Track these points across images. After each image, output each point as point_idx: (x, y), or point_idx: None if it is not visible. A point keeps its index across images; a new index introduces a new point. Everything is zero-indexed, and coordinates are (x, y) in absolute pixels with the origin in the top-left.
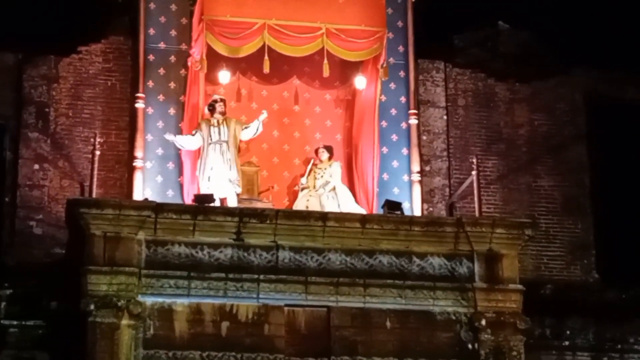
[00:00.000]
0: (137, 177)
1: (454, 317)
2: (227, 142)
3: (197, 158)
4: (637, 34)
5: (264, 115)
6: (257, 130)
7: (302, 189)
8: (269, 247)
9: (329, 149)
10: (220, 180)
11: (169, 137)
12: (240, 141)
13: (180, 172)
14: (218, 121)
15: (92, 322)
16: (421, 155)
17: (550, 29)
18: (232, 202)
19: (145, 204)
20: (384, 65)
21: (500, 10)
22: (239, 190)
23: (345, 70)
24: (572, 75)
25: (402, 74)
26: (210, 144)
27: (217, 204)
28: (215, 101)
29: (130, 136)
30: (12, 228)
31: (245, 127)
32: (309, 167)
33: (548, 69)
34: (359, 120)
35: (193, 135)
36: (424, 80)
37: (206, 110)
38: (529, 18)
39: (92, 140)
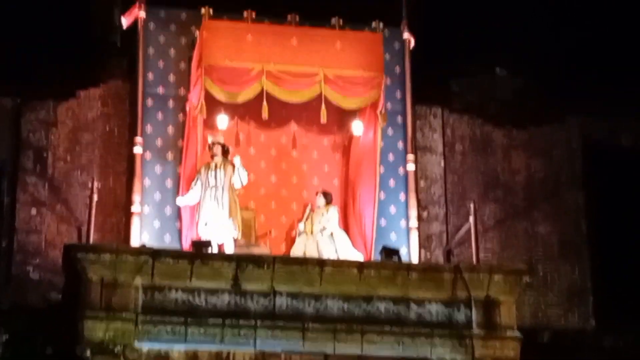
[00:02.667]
0: (135, 222)
1: None
2: (222, 187)
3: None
4: (632, 80)
5: (237, 160)
6: (240, 176)
7: (300, 235)
8: (266, 293)
9: (326, 194)
10: (216, 226)
11: (180, 202)
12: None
13: (177, 218)
14: (216, 165)
15: None
16: (418, 201)
17: (545, 75)
18: (229, 248)
19: (143, 250)
20: (383, 111)
21: (497, 56)
22: (237, 234)
23: (343, 116)
24: (568, 121)
25: (399, 119)
26: (207, 188)
27: (214, 249)
28: (213, 144)
29: (127, 181)
30: (9, 272)
31: (232, 175)
32: (307, 212)
33: (544, 115)
34: (357, 165)
35: (193, 187)
36: (422, 126)
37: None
38: (525, 64)
39: (89, 184)
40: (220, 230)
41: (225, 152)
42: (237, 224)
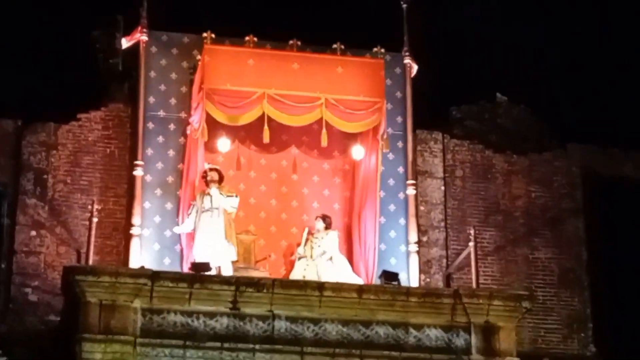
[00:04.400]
0: (134, 245)
1: None
2: (217, 209)
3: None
4: (632, 111)
5: (215, 191)
6: (230, 203)
7: (299, 259)
8: (265, 316)
9: (325, 218)
10: (212, 248)
11: (177, 230)
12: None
13: (177, 240)
14: (216, 189)
15: None
16: (419, 225)
17: (546, 103)
18: (226, 270)
19: (142, 272)
20: (385, 136)
21: (498, 83)
22: (234, 257)
23: (343, 140)
24: (569, 149)
25: (400, 144)
26: (202, 212)
27: (213, 272)
28: (206, 172)
29: (127, 203)
30: (7, 295)
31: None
32: (304, 235)
33: (545, 142)
34: (361, 190)
35: (189, 215)
36: (422, 151)
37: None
38: (526, 91)
39: (89, 207)
40: (216, 253)
41: (220, 178)
42: (234, 246)
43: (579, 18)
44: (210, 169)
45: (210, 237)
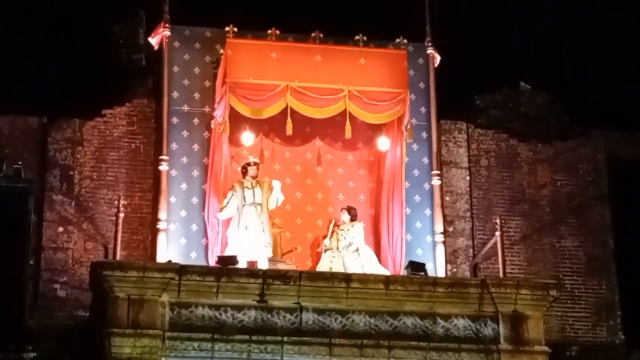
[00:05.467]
0: (161, 239)
1: None
2: (260, 204)
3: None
4: None
5: (278, 185)
6: (278, 201)
7: (326, 250)
8: (292, 308)
9: (350, 210)
10: (255, 243)
11: (221, 216)
12: None
13: (204, 234)
14: (252, 183)
15: None
16: (444, 216)
17: (569, 91)
18: (262, 266)
19: (169, 266)
20: (409, 127)
21: (521, 71)
22: (271, 254)
23: (367, 131)
24: (594, 136)
25: (424, 135)
26: (244, 205)
27: (241, 265)
28: (249, 164)
29: (153, 198)
30: (36, 291)
31: (270, 195)
32: (331, 227)
33: (569, 130)
34: (388, 181)
35: (229, 202)
36: (446, 141)
37: (239, 170)
38: (550, 79)
39: (115, 202)
40: (257, 247)
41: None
42: (272, 242)
43: (601, 3)
44: (254, 163)
45: (253, 231)
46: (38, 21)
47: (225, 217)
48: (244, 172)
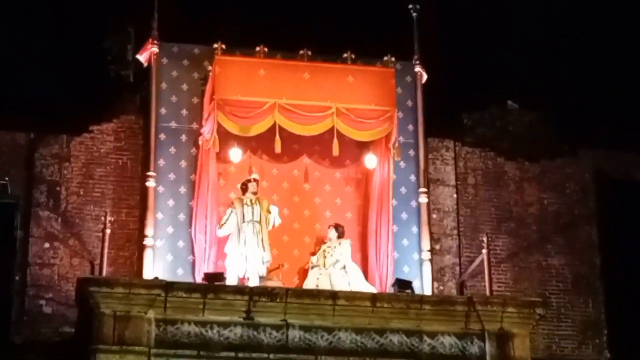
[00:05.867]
0: (148, 256)
1: None
2: (259, 222)
3: (208, 235)
4: None
5: (275, 210)
6: (275, 224)
7: (312, 268)
8: (279, 325)
9: (337, 227)
10: (252, 260)
11: (220, 233)
12: None
13: (190, 251)
14: (251, 200)
15: None
16: (431, 233)
17: (557, 110)
18: (254, 283)
19: (156, 283)
20: (396, 145)
21: (509, 90)
22: (264, 272)
23: (355, 148)
24: (581, 155)
25: (411, 152)
26: (244, 222)
27: (233, 282)
28: (249, 181)
29: (140, 215)
30: (22, 306)
31: (268, 216)
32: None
33: (557, 148)
34: (375, 199)
35: (228, 219)
36: (434, 158)
37: (238, 187)
38: (537, 98)
39: (102, 218)
40: (255, 265)
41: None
42: (270, 261)
43: (589, 23)
44: (254, 179)
45: (252, 250)
46: (26, 37)
47: (224, 234)
48: (244, 188)
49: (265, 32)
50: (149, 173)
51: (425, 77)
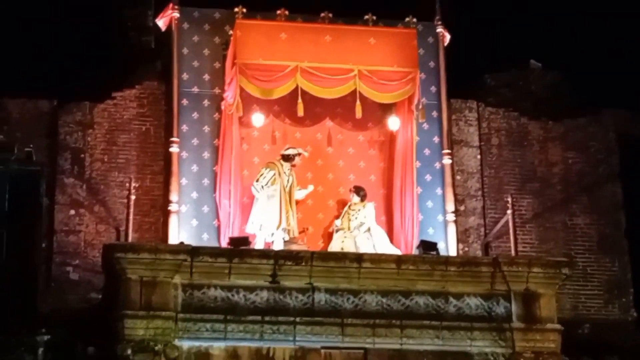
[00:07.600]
0: (173, 221)
1: (491, 358)
2: (290, 193)
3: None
4: None
5: (308, 191)
6: (301, 195)
7: (337, 231)
8: (304, 289)
9: (358, 190)
10: (274, 224)
11: (256, 185)
12: None
13: (215, 216)
14: (290, 170)
15: None
16: (455, 195)
17: (579, 69)
18: (278, 247)
19: (181, 248)
20: (420, 107)
21: (531, 49)
22: (288, 237)
23: (378, 111)
24: (604, 114)
25: (434, 114)
26: (277, 186)
27: (259, 246)
28: (299, 154)
29: (165, 180)
30: (49, 274)
31: (298, 189)
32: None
33: (579, 108)
34: (399, 161)
35: (266, 176)
36: (457, 120)
37: (284, 153)
38: (559, 57)
39: (127, 185)
40: (280, 230)
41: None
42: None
43: None
44: (299, 154)
45: (276, 215)
46: (47, 5)
47: (260, 186)
48: (290, 158)
49: None
50: (173, 139)
51: (447, 37)
